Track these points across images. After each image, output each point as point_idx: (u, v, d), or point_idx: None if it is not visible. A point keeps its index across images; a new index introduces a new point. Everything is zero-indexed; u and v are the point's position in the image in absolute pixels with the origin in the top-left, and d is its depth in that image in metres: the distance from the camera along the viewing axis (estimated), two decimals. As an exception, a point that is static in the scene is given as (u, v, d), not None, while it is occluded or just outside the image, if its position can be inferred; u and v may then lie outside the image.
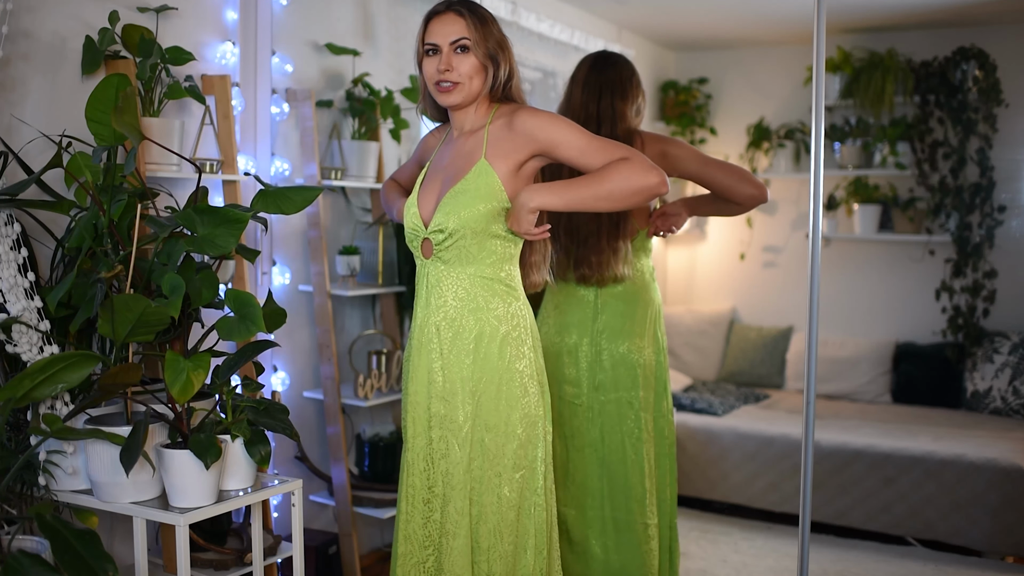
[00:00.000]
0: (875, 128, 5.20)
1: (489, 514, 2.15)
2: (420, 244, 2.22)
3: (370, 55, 3.59)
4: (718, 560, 3.99)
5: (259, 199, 2.16)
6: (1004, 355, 4.85)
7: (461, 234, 2.13)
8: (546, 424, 2.24)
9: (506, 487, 2.16)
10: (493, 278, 2.18)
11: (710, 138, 5.88)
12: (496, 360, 2.16)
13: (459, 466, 2.15)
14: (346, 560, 3.26)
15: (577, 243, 2.86)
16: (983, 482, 4.01)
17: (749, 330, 5.66)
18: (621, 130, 2.86)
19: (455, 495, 2.15)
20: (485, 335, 2.16)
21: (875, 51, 5.15)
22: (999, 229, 5.03)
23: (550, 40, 4.54)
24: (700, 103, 5.85)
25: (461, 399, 2.16)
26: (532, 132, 2.15)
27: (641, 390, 2.88)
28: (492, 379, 2.16)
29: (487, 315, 2.16)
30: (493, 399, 2.16)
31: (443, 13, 2.18)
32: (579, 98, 2.89)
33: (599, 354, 2.89)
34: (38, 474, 2.13)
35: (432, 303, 2.19)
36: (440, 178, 2.24)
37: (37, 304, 2.14)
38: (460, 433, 2.16)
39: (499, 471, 2.16)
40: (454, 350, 2.17)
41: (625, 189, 2.09)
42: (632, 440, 2.86)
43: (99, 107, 2.08)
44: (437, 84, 2.18)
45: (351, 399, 3.27)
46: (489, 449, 2.15)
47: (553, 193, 2.10)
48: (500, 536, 2.16)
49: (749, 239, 5.82)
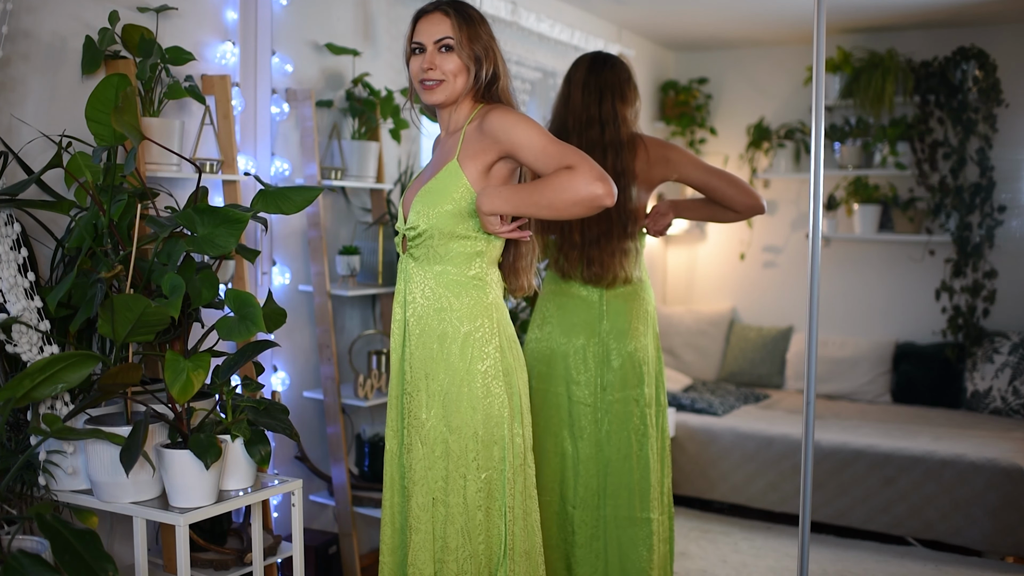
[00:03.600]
0: (875, 128, 5.20)
1: (456, 515, 2.17)
2: (401, 240, 2.26)
3: (370, 55, 3.59)
4: (718, 560, 3.99)
5: (259, 199, 2.16)
6: (1004, 355, 4.85)
7: (429, 234, 2.16)
8: (513, 426, 2.21)
9: (471, 488, 2.16)
10: (459, 277, 2.18)
11: (710, 138, 5.88)
12: (457, 361, 2.17)
13: (420, 463, 2.18)
14: (346, 560, 3.26)
15: (588, 243, 2.87)
16: (983, 482, 4.01)
17: (749, 330, 5.66)
18: (624, 133, 2.86)
19: (417, 490, 2.18)
20: (448, 335, 2.17)
21: (875, 51, 5.15)
22: (999, 229, 5.03)
23: (550, 40, 4.54)
24: (700, 103, 5.85)
25: (425, 397, 2.19)
26: (497, 133, 2.14)
27: (646, 387, 2.91)
28: (454, 380, 2.17)
29: (450, 315, 2.18)
30: (455, 400, 2.16)
31: (430, 13, 2.21)
32: (579, 100, 2.88)
33: (607, 354, 2.90)
34: (38, 474, 2.13)
35: (406, 299, 2.23)
36: (424, 176, 2.29)
37: (37, 304, 2.14)
38: (422, 430, 2.18)
39: (463, 472, 2.16)
40: (419, 347, 2.20)
41: (564, 199, 2.04)
42: (638, 436, 2.88)
43: (99, 107, 2.08)
44: (421, 82, 2.21)
45: (351, 399, 3.27)
46: (453, 450, 2.17)
47: (502, 197, 2.10)
48: (469, 536, 2.16)
49: (749, 239, 5.82)
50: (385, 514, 2.29)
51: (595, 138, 2.82)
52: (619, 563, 2.88)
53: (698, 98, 5.84)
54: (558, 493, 2.92)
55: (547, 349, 2.94)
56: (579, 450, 2.91)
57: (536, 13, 4.34)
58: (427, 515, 2.17)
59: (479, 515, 2.16)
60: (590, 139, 2.83)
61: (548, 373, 2.93)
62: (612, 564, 2.89)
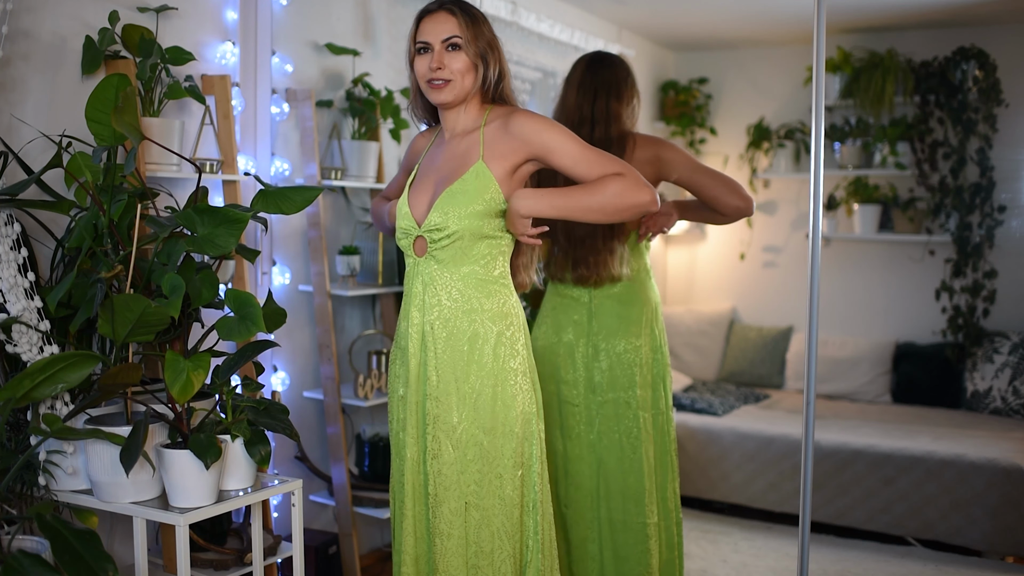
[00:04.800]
0: (875, 128, 5.20)
1: (493, 516, 2.15)
2: (412, 243, 2.22)
3: (370, 55, 3.59)
4: (718, 560, 3.99)
5: (259, 199, 2.16)
6: (1004, 355, 4.85)
7: (459, 235, 2.14)
8: (539, 421, 2.24)
9: (508, 487, 2.16)
10: (486, 277, 2.19)
11: (710, 138, 5.88)
12: (491, 362, 2.17)
13: (452, 467, 2.16)
14: (346, 560, 3.26)
15: (574, 244, 2.86)
16: (983, 482, 4.01)
17: (749, 330, 5.66)
18: (615, 131, 2.84)
19: (448, 496, 2.15)
20: (479, 335, 2.17)
21: (875, 51, 5.15)
22: (999, 229, 5.03)
23: (550, 40, 4.54)
24: (700, 103, 5.85)
25: (456, 400, 2.16)
26: (527, 136, 2.17)
27: (639, 389, 2.88)
28: (488, 381, 2.16)
29: (480, 315, 2.17)
30: (489, 401, 2.16)
31: (435, 12, 2.20)
32: (573, 99, 2.88)
33: (596, 354, 2.89)
34: (38, 474, 2.13)
35: (427, 302, 2.19)
36: (432, 179, 2.25)
37: (37, 304, 2.14)
38: (453, 434, 2.16)
39: (499, 472, 2.16)
40: (448, 351, 2.17)
41: (617, 204, 2.12)
42: (630, 439, 2.86)
43: (99, 107, 2.08)
44: (429, 82, 2.19)
45: (351, 399, 3.27)
46: (488, 451, 2.16)
47: (545, 200, 2.13)
48: (506, 537, 2.16)
49: (749, 239, 5.83)
50: (406, 523, 2.22)
51: (585, 137, 2.78)
52: (615, 566, 2.87)
53: (698, 98, 5.84)
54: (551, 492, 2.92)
55: (540, 348, 2.94)
56: (568, 450, 2.90)
57: (536, 13, 4.34)
58: (459, 520, 2.15)
59: (516, 513, 2.17)
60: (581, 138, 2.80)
61: (541, 372, 2.93)
62: (608, 567, 2.88)
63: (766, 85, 5.73)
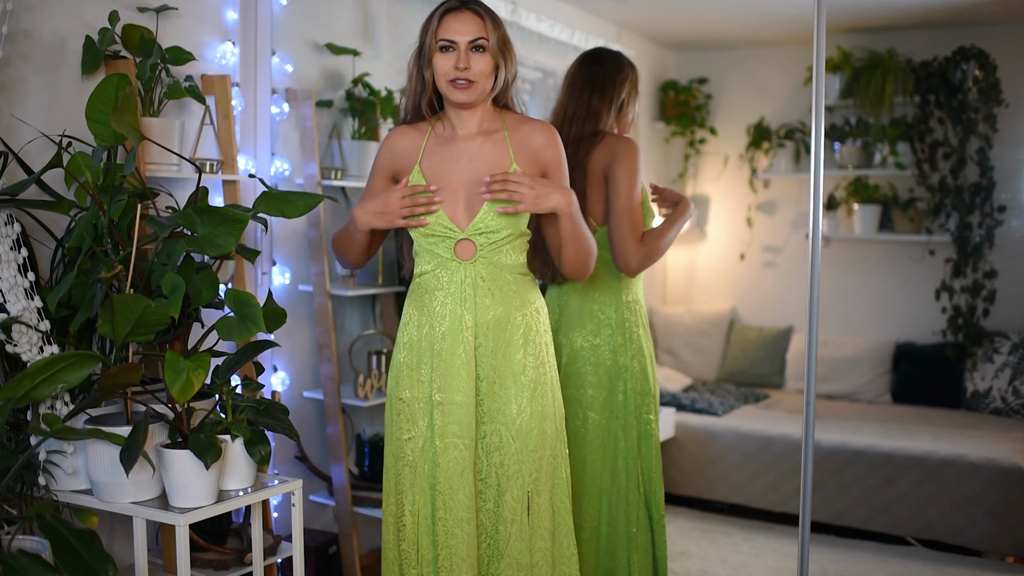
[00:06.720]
0: (875, 128, 5.20)
1: (554, 496, 2.29)
2: (454, 246, 2.22)
3: (370, 55, 3.59)
4: (718, 560, 3.99)
5: (262, 201, 2.16)
6: (1004, 355, 4.85)
7: (513, 235, 2.25)
8: None
9: (561, 467, 2.31)
10: (524, 272, 2.32)
11: (710, 138, 5.88)
12: (544, 352, 2.31)
13: (513, 457, 2.23)
14: (346, 560, 3.26)
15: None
16: (983, 482, 4.01)
17: (749, 330, 5.66)
18: (588, 129, 2.76)
19: (511, 484, 2.23)
20: (532, 328, 2.28)
21: (875, 51, 5.15)
22: (999, 229, 5.03)
23: (550, 40, 4.54)
24: (700, 103, 5.84)
25: (514, 391, 2.23)
26: (548, 165, 2.30)
27: (590, 388, 2.78)
28: (541, 370, 2.28)
29: (530, 309, 2.29)
30: (543, 389, 2.28)
31: (459, 11, 2.18)
32: (563, 98, 2.84)
33: (559, 348, 2.82)
34: (38, 474, 2.13)
35: (479, 303, 2.22)
36: (458, 179, 2.24)
37: (37, 304, 2.14)
38: (513, 426, 2.23)
39: (555, 454, 2.30)
40: (505, 345, 2.24)
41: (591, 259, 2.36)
42: (576, 439, 2.77)
43: (99, 107, 2.08)
44: (453, 81, 2.17)
45: (351, 399, 3.27)
46: (548, 435, 2.27)
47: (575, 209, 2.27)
48: (566, 514, 2.31)
49: (749, 239, 5.82)
50: (463, 530, 2.19)
51: (563, 136, 2.70)
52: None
53: (698, 98, 5.84)
54: None
55: None
56: None
57: (536, 13, 4.34)
58: (521, 507, 2.24)
59: (569, 490, 2.33)
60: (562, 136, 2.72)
61: None
62: None
63: (766, 85, 5.73)
